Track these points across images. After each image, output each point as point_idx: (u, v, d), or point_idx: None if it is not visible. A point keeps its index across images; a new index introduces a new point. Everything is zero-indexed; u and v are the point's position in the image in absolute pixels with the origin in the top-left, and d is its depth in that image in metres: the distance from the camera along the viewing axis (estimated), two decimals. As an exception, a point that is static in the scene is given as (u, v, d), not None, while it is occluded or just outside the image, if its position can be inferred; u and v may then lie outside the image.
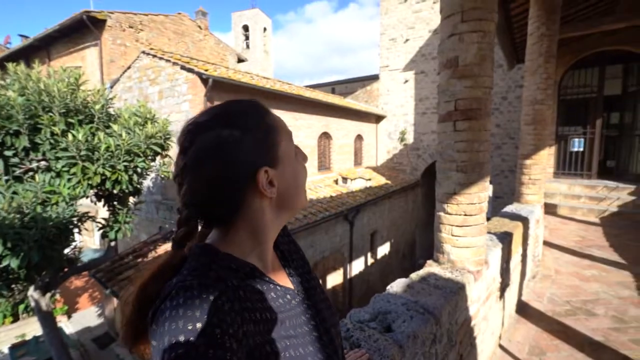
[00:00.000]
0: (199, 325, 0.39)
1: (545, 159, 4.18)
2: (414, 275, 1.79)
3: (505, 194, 9.96)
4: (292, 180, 0.56)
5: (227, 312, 0.42)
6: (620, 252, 4.32)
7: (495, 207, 9.82)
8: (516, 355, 2.44)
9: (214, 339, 0.39)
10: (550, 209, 6.33)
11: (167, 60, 6.65)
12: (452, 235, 1.94)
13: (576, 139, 7.24)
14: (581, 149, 7.19)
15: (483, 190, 1.92)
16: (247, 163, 0.50)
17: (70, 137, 3.93)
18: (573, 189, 6.68)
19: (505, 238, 2.52)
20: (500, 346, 2.55)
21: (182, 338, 0.38)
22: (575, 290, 3.42)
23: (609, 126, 7.59)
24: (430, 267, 1.95)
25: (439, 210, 2.04)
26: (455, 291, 1.63)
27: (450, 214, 1.96)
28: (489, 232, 2.61)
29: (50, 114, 4.04)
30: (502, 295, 2.47)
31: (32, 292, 4.92)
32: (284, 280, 0.60)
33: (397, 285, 1.66)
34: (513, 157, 9.44)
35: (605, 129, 7.38)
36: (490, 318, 2.20)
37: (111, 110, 4.98)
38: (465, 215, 1.91)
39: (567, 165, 7.39)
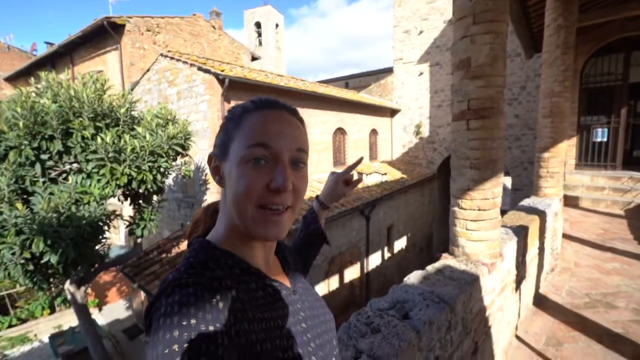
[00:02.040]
0: (193, 321, 0.40)
1: (563, 152, 4.13)
2: (430, 268, 1.88)
3: (525, 186, 9.76)
4: (232, 185, 0.52)
5: (221, 311, 0.43)
6: (644, 244, 4.24)
7: (514, 200, 9.65)
8: (533, 346, 2.48)
9: (207, 335, 0.40)
10: (571, 202, 6.21)
11: (185, 62, 6.86)
12: (467, 230, 2.01)
13: (599, 129, 7.02)
14: (605, 139, 6.98)
15: (496, 186, 1.97)
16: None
17: (99, 140, 4.17)
18: (596, 180, 6.52)
19: (520, 232, 2.56)
20: (517, 337, 2.60)
21: (176, 333, 0.39)
22: (595, 282, 3.40)
23: (635, 114, 7.31)
24: (446, 260, 2.02)
25: (454, 205, 2.10)
26: (469, 282, 1.70)
27: (464, 209, 2.02)
28: (504, 226, 2.65)
29: (81, 118, 4.29)
30: (518, 287, 2.52)
31: (68, 286, 5.27)
32: (282, 279, 0.62)
33: (414, 277, 1.75)
34: (532, 149, 9.23)
35: (631, 117, 7.12)
36: (505, 309, 2.25)
37: (134, 113, 5.23)
38: (479, 210, 1.97)
39: (590, 156, 7.19)
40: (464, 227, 2.02)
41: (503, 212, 3.77)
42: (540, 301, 3.13)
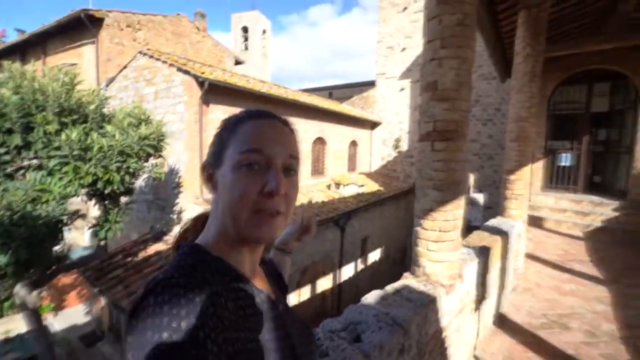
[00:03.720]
0: (183, 324, 0.39)
1: (528, 175, 4.30)
2: (389, 287, 1.87)
3: (496, 205, 10.01)
4: (226, 190, 0.53)
5: (210, 317, 0.43)
6: (600, 267, 4.45)
7: (486, 217, 9.93)
8: (489, 366, 2.52)
9: (197, 340, 0.39)
10: (537, 222, 6.47)
11: (164, 62, 6.71)
12: (428, 250, 2.03)
13: (564, 154, 7.40)
14: (568, 164, 7.36)
15: (458, 208, 2.01)
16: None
17: (63, 136, 3.97)
18: (559, 202, 6.83)
19: (482, 252, 2.61)
20: (475, 357, 2.64)
21: (165, 335, 0.38)
22: (553, 303, 3.52)
23: (596, 142, 7.76)
24: (407, 280, 2.03)
25: (417, 225, 2.12)
26: (425, 304, 1.71)
27: (426, 229, 2.04)
28: (467, 246, 2.70)
29: (44, 113, 4.08)
30: (477, 307, 2.56)
31: (19, 289, 4.92)
32: (267, 290, 0.62)
33: (371, 297, 1.74)
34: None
35: (592, 144, 7.55)
36: (463, 329, 2.28)
37: (105, 110, 5.02)
38: (440, 231, 1.99)
39: (555, 179, 7.55)
40: (425, 247, 2.04)
41: (476, 228, 3.87)
42: (501, 320, 3.20)
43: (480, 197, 8.07)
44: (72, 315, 8.57)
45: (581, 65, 6.69)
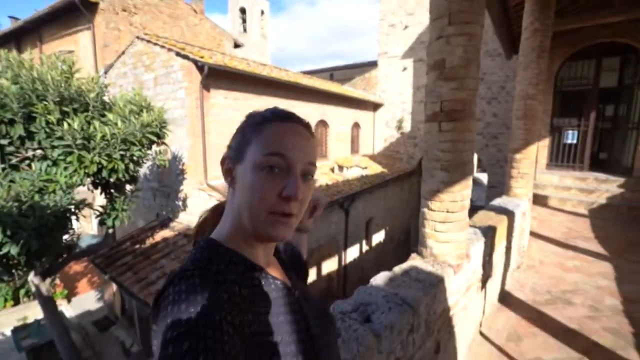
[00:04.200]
0: (199, 309, 0.42)
1: (534, 154, 4.26)
2: (397, 269, 1.89)
3: (500, 184, 10.05)
4: (246, 188, 0.54)
5: (226, 301, 0.46)
6: (604, 243, 4.47)
7: (489, 196, 9.95)
8: (494, 341, 2.58)
9: (213, 322, 0.42)
10: (541, 200, 6.46)
11: (162, 46, 6.57)
12: (435, 231, 2.04)
13: (570, 131, 7.30)
14: (574, 141, 7.27)
15: (465, 189, 2.00)
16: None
17: (65, 125, 3.96)
18: (564, 180, 6.80)
19: (488, 232, 2.63)
20: (481, 333, 2.70)
21: (183, 318, 0.41)
22: (557, 280, 3.56)
23: (603, 118, 7.63)
24: (414, 261, 2.05)
25: (424, 206, 2.13)
26: (434, 284, 1.73)
27: (433, 210, 2.05)
28: (473, 226, 2.71)
29: (45, 102, 4.05)
30: (483, 286, 2.60)
31: (32, 277, 5.04)
32: (283, 278, 0.64)
33: (380, 278, 1.76)
34: (508, 148, 9.50)
35: (600, 121, 7.43)
36: (470, 308, 2.32)
37: (106, 98, 4.98)
38: (448, 212, 2.00)
39: (561, 157, 7.48)
40: (432, 228, 2.05)
41: (479, 208, 3.88)
42: (505, 298, 3.26)
43: (483, 177, 8.05)
44: (84, 301, 8.82)
45: (590, 39, 6.49)
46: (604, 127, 7.54)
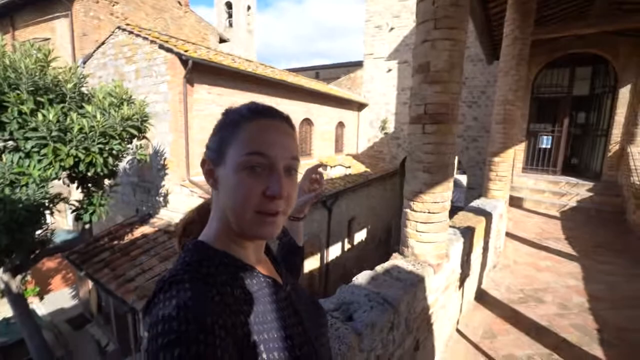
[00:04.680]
0: (190, 314, 0.42)
1: (512, 157, 4.42)
2: (379, 268, 1.94)
3: (479, 186, 10.33)
4: (229, 190, 0.54)
5: (217, 304, 0.45)
6: (574, 245, 4.70)
7: (468, 198, 10.24)
8: (470, 339, 2.68)
9: (205, 326, 0.41)
10: (516, 202, 6.71)
11: (145, 38, 6.39)
12: (417, 231, 2.09)
13: (545, 136, 7.62)
14: (549, 146, 7.59)
15: (446, 190, 2.06)
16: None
17: (40, 116, 3.80)
18: (538, 184, 7.09)
19: (467, 232, 2.72)
20: (458, 330, 2.79)
21: (174, 324, 0.40)
22: (530, 279, 3.72)
23: (576, 125, 8.00)
24: (395, 260, 2.10)
25: (406, 207, 2.18)
26: (414, 283, 1.78)
27: (415, 211, 2.10)
28: (453, 227, 2.79)
29: (18, 91, 3.86)
30: (461, 285, 2.68)
31: (2, 274, 4.82)
32: (274, 276, 0.64)
33: (362, 277, 1.80)
34: (487, 151, 9.80)
35: (572, 127, 7.79)
36: (448, 306, 2.40)
37: (84, 89, 4.80)
38: (429, 213, 2.06)
39: (536, 161, 7.79)
40: (414, 228, 2.10)
41: (459, 209, 3.99)
42: (482, 296, 3.38)
43: (463, 179, 8.27)
44: (58, 298, 8.49)
45: (565, 48, 6.79)
46: (576, 133, 7.91)
